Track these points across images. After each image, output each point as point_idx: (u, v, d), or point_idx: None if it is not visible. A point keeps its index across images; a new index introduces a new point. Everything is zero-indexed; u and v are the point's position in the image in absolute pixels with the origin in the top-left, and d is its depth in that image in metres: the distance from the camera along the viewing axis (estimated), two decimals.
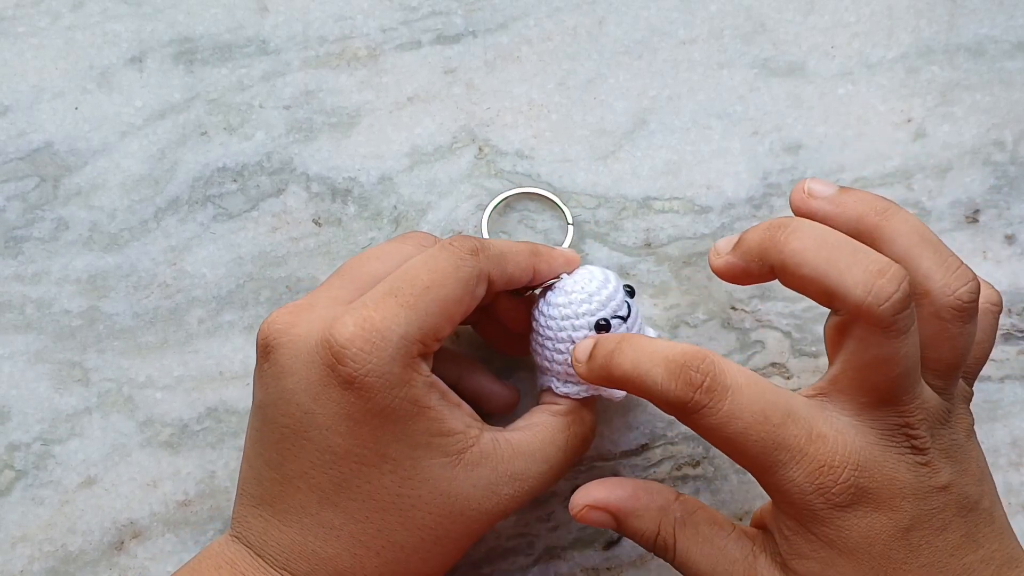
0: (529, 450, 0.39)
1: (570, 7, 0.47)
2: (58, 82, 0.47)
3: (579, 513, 0.38)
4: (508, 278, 0.40)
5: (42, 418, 0.45)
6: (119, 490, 0.45)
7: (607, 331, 0.40)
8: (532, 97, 0.47)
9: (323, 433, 0.36)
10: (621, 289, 0.41)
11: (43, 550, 0.44)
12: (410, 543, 0.37)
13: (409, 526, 0.37)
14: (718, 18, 0.47)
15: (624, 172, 0.47)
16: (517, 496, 0.38)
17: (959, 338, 0.36)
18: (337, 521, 0.37)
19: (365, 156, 0.47)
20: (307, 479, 0.37)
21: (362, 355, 0.35)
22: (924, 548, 0.35)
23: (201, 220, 0.46)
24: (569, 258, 0.42)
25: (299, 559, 0.37)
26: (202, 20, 0.47)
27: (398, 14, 0.47)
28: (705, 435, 0.36)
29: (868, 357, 0.35)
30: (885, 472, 0.35)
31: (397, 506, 0.37)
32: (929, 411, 0.36)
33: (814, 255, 0.35)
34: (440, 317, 0.37)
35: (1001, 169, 0.47)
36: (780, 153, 0.47)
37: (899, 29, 0.47)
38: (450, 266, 0.38)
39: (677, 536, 0.38)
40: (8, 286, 0.46)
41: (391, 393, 0.36)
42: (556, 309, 0.40)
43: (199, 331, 0.46)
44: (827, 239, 0.36)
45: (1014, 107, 0.47)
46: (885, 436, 0.35)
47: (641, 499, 0.38)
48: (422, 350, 0.37)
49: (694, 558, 0.38)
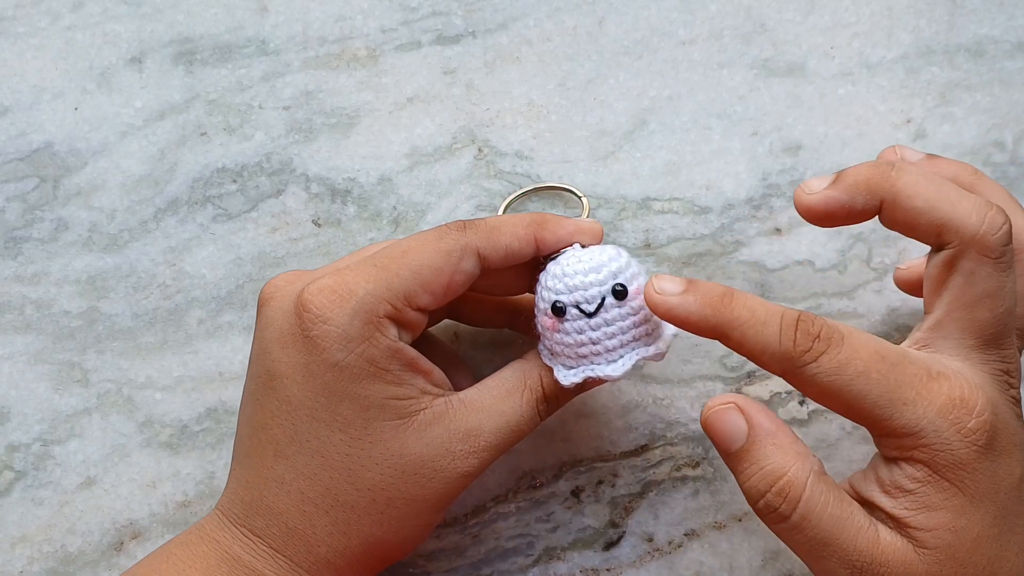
0: (482, 405, 0.38)
1: (570, 7, 0.47)
2: (58, 82, 0.47)
3: (720, 409, 0.36)
4: (505, 250, 0.39)
5: (42, 418, 0.45)
6: (119, 491, 0.45)
7: (563, 314, 0.38)
8: (532, 97, 0.47)
9: (283, 383, 0.37)
10: (628, 271, 0.39)
11: (43, 551, 0.45)
12: (360, 504, 0.37)
13: (359, 486, 0.37)
14: (718, 18, 0.47)
15: (624, 172, 0.47)
16: (475, 452, 0.38)
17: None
18: (288, 476, 0.37)
19: (365, 157, 0.47)
20: (267, 431, 0.37)
21: (324, 307, 0.36)
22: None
23: (201, 221, 0.46)
24: (582, 227, 0.40)
25: (256, 514, 0.37)
26: (202, 20, 0.47)
27: (398, 14, 0.47)
28: (819, 388, 0.35)
29: (977, 291, 0.35)
30: (1004, 415, 0.35)
31: (346, 465, 0.37)
32: (1018, 363, 0.36)
33: (925, 188, 0.36)
34: (413, 281, 0.37)
35: (1001, 169, 0.47)
36: (780, 153, 0.47)
37: (899, 29, 0.47)
38: (433, 236, 0.38)
39: (810, 486, 0.35)
40: (8, 286, 0.46)
41: (347, 348, 0.36)
42: (548, 279, 0.39)
43: (199, 332, 0.46)
44: (935, 177, 0.37)
45: (1014, 107, 0.47)
46: (995, 379, 0.35)
47: (787, 434, 0.36)
48: (390, 312, 0.37)
49: (820, 515, 0.34)
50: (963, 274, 0.35)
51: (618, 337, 0.38)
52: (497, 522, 0.45)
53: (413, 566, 0.44)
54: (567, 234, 0.40)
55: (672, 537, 0.45)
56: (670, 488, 0.45)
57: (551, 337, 0.39)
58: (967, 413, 0.34)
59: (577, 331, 0.38)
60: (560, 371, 0.39)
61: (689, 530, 0.45)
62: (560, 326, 0.38)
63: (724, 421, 0.36)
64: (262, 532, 0.37)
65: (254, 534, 0.37)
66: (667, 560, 0.44)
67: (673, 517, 0.45)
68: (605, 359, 0.38)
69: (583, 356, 0.39)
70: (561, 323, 0.38)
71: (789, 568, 0.44)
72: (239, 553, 0.37)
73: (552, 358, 0.40)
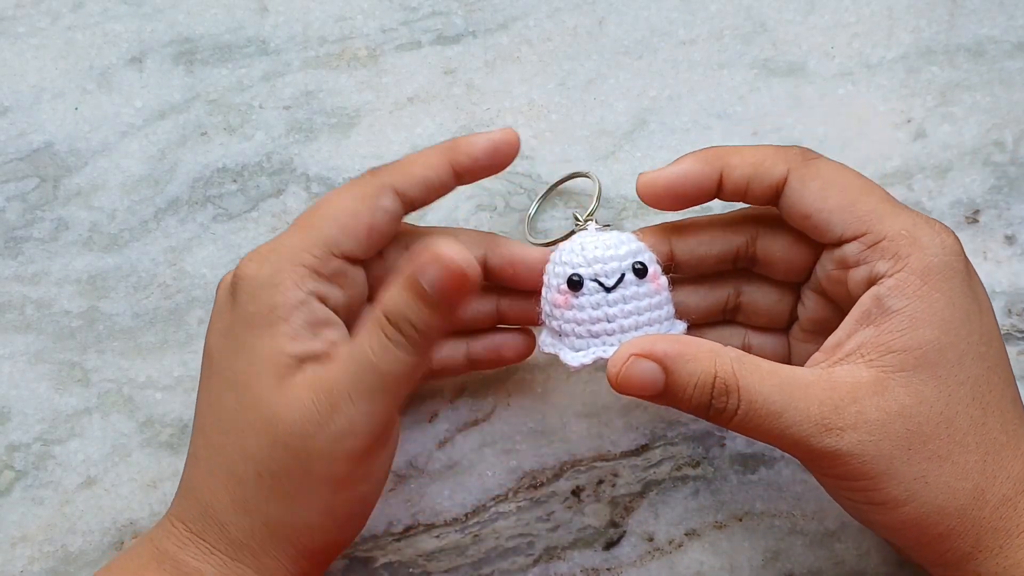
0: (337, 355, 0.35)
1: (570, 7, 0.47)
2: (58, 82, 0.47)
3: (624, 366, 0.34)
4: (422, 182, 0.38)
5: (42, 418, 0.45)
6: (119, 490, 0.45)
7: (579, 287, 0.37)
8: (532, 97, 0.47)
9: (208, 340, 0.37)
10: (646, 254, 0.38)
11: (43, 550, 0.44)
12: (248, 477, 0.35)
13: (245, 456, 0.35)
14: (718, 18, 0.47)
15: (624, 172, 0.47)
16: (343, 425, 0.34)
17: None
18: (201, 450, 0.36)
19: (365, 156, 0.47)
20: (198, 404, 0.37)
21: (250, 267, 0.36)
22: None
23: (201, 220, 0.46)
24: (493, 137, 0.38)
25: (181, 499, 0.37)
26: (202, 20, 0.47)
27: (398, 14, 0.47)
28: (802, 205, 0.37)
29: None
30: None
31: (236, 431, 0.35)
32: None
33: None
34: (332, 227, 0.36)
35: (1001, 169, 0.47)
36: None
37: (899, 29, 0.47)
38: (347, 185, 0.38)
39: (739, 373, 0.34)
40: (8, 286, 0.46)
41: (257, 294, 0.35)
42: (563, 254, 0.38)
43: (199, 331, 0.46)
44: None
45: (1014, 107, 0.47)
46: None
47: (691, 343, 0.35)
48: (310, 262, 0.36)
49: (766, 393, 0.34)
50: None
51: (633, 317, 0.37)
52: (497, 521, 0.45)
53: (413, 566, 0.44)
54: (480, 150, 0.38)
55: (673, 537, 0.45)
56: (671, 488, 0.45)
57: (561, 315, 0.38)
58: (945, 228, 0.36)
59: (593, 306, 0.37)
60: (566, 352, 0.38)
61: (690, 529, 0.45)
62: (574, 301, 0.37)
63: (635, 375, 0.34)
64: (184, 516, 0.36)
65: (179, 520, 0.36)
66: (668, 560, 0.44)
67: (674, 517, 0.45)
68: (618, 339, 0.37)
69: (595, 335, 0.37)
70: (576, 297, 0.37)
71: (790, 568, 0.44)
72: (167, 546, 0.36)
73: (558, 340, 0.38)
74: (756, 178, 0.37)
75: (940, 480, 0.34)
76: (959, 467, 0.34)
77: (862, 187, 0.36)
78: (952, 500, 0.34)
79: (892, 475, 0.34)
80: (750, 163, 0.37)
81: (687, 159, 0.38)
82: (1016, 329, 0.46)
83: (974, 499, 0.34)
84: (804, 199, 0.36)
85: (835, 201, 0.36)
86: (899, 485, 0.34)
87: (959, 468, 0.34)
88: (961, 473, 0.34)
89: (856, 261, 0.36)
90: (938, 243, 0.35)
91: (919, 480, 0.34)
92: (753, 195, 0.38)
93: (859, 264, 0.36)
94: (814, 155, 0.37)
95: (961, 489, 0.34)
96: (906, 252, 0.35)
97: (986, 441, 0.34)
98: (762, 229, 0.40)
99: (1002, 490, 0.34)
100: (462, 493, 0.45)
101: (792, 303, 0.40)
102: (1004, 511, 0.34)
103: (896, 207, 0.36)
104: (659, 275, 0.38)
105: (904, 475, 0.34)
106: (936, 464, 0.34)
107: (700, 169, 0.38)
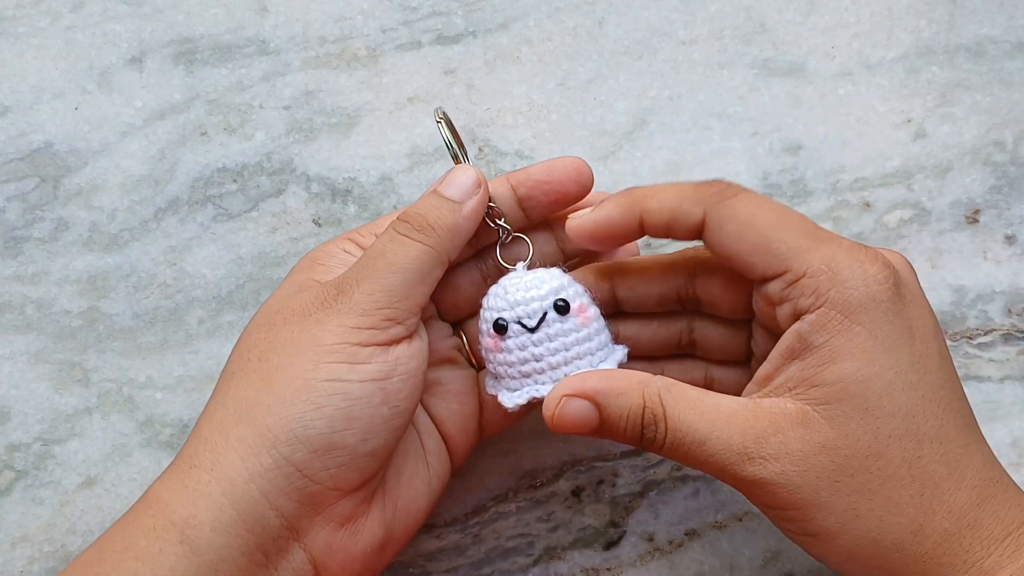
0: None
1: (570, 7, 0.47)
2: (58, 82, 0.47)
3: (557, 408, 0.35)
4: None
5: (42, 418, 0.45)
6: (119, 490, 0.45)
7: (504, 331, 0.38)
8: (532, 97, 0.47)
9: (271, 300, 0.39)
10: (569, 289, 0.38)
11: (43, 550, 0.44)
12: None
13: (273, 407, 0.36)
14: (718, 18, 0.47)
15: (624, 172, 0.47)
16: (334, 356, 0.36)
17: None
18: (228, 395, 0.37)
19: (365, 156, 0.47)
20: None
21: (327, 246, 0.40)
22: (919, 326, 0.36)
23: (201, 220, 0.46)
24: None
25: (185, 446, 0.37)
26: (202, 20, 0.47)
27: (398, 14, 0.47)
28: (728, 231, 0.36)
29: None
30: (904, 272, 0.36)
31: (268, 382, 0.36)
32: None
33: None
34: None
35: (1001, 169, 0.47)
36: (780, 153, 0.47)
37: (899, 29, 0.47)
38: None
39: (665, 402, 0.35)
40: (8, 286, 0.46)
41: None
42: (489, 299, 0.39)
43: (199, 331, 0.46)
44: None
45: (1014, 107, 0.47)
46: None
47: (619, 378, 0.36)
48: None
49: (689, 421, 0.34)
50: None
51: (561, 353, 0.38)
52: (497, 522, 0.45)
53: (413, 566, 0.44)
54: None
55: (673, 537, 0.45)
56: (670, 488, 0.45)
57: (494, 359, 0.38)
58: (871, 257, 0.35)
59: (520, 347, 0.38)
60: (504, 395, 0.38)
61: (690, 529, 0.45)
62: (502, 344, 0.38)
63: (569, 415, 0.35)
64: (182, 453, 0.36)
65: (181, 460, 0.36)
66: (668, 560, 0.44)
67: (674, 517, 0.45)
68: (549, 377, 0.38)
69: (526, 375, 0.38)
70: (503, 340, 0.38)
71: (790, 568, 0.44)
72: (162, 493, 0.36)
73: (496, 383, 0.39)
74: (674, 222, 0.37)
75: (872, 513, 0.34)
76: (892, 501, 0.34)
77: (779, 223, 0.36)
78: (888, 533, 0.34)
79: (821, 506, 0.34)
80: (667, 208, 0.37)
81: (608, 204, 0.38)
82: (1016, 329, 0.46)
83: (912, 533, 0.34)
84: (722, 241, 0.36)
85: (752, 241, 0.36)
86: (829, 516, 0.34)
87: (892, 502, 0.34)
88: (895, 508, 0.34)
89: (780, 299, 0.36)
90: (859, 274, 0.34)
91: (849, 512, 0.34)
92: (677, 236, 0.38)
93: (783, 301, 0.36)
94: (732, 192, 0.36)
95: (896, 523, 0.34)
96: (826, 287, 0.34)
97: (923, 475, 0.34)
98: (700, 269, 0.40)
99: (943, 524, 0.34)
100: (462, 493, 0.45)
101: (745, 337, 0.40)
102: (948, 546, 0.34)
103: (816, 240, 0.35)
104: (587, 307, 0.38)
105: (834, 507, 0.34)
106: (867, 497, 0.34)
107: (620, 215, 0.38)
